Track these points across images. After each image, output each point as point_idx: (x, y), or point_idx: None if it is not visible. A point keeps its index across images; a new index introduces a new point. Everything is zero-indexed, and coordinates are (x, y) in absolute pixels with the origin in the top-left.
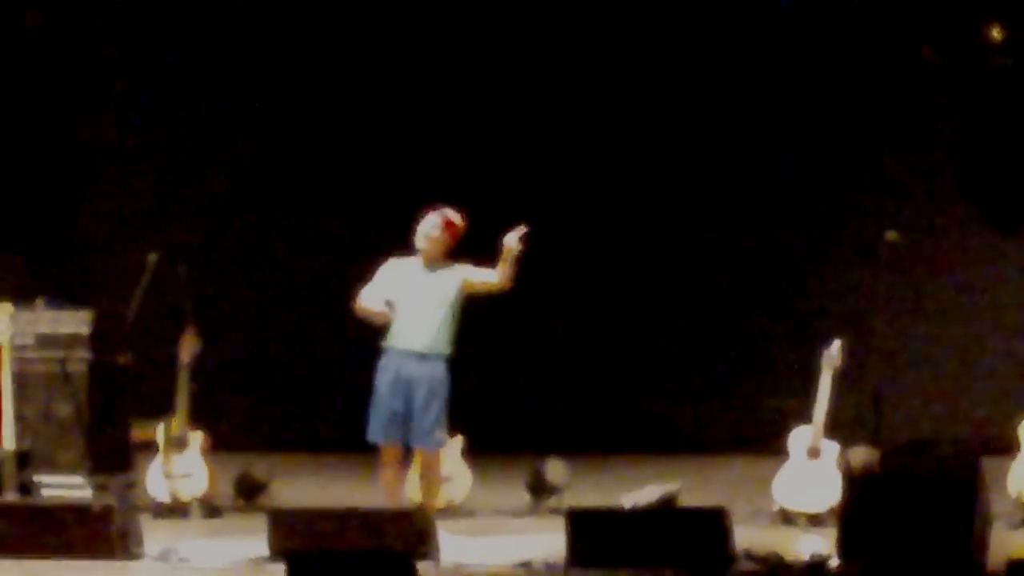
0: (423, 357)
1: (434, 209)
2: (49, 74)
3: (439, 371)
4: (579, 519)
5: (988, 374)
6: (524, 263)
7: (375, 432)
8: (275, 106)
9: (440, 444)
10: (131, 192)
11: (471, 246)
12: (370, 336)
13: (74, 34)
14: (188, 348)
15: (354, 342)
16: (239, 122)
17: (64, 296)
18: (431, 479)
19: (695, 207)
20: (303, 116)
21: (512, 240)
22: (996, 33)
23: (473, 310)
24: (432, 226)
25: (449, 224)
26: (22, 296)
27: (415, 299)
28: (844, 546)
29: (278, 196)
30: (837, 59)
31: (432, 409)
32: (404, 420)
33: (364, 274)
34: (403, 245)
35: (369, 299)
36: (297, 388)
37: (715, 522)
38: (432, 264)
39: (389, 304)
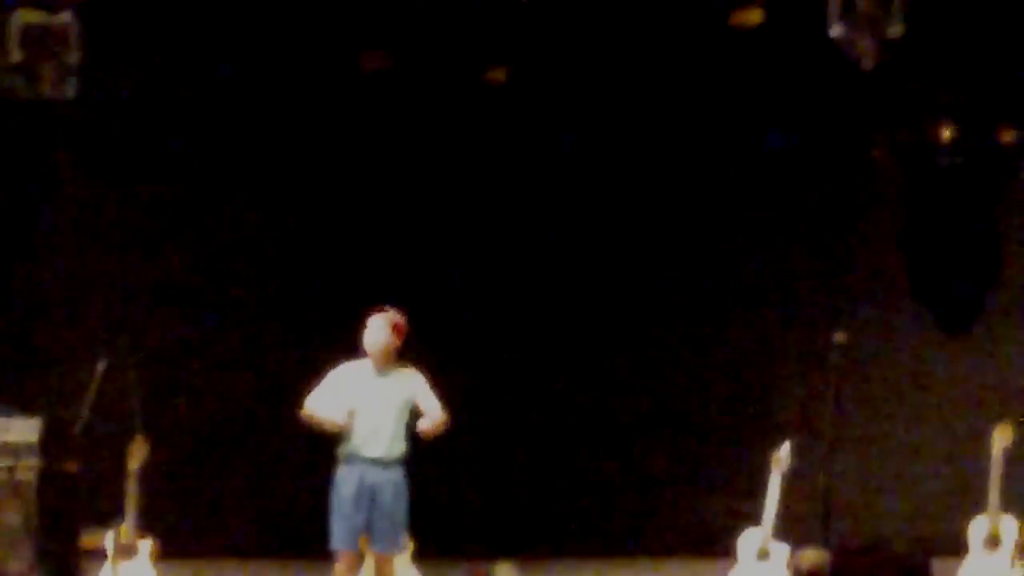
0: (385, 464)
1: (378, 311)
2: None
3: (400, 475)
4: None
5: (938, 475)
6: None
7: (340, 540)
8: (223, 212)
9: (402, 548)
10: (80, 299)
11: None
12: (321, 441)
13: (25, 136)
14: (137, 455)
15: (306, 447)
16: (189, 230)
17: (12, 404)
18: None
19: (644, 305)
20: (249, 224)
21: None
22: (947, 132)
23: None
24: (379, 330)
25: (396, 326)
26: None
27: (372, 406)
28: None
29: (227, 302)
30: (787, 160)
31: (397, 514)
32: (367, 527)
33: (313, 378)
34: (350, 348)
35: (319, 405)
36: (246, 494)
37: None
38: (384, 368)
39: (351, 413)
